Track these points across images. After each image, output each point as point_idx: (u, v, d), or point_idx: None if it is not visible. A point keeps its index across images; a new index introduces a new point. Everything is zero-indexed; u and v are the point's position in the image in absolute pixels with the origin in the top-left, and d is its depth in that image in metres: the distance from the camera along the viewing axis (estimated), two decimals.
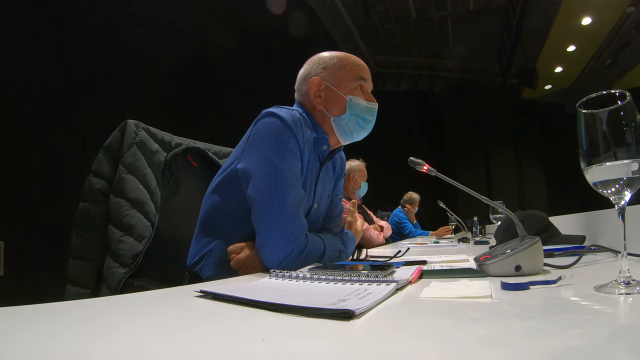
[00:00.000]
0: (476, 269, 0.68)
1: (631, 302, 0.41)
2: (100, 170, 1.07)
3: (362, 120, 0.96)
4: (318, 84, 0.96)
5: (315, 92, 0.97)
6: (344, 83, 0.96)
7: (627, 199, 0.47)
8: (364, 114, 0.96)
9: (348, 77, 0.96)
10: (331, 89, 0.96)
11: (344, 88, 0.96)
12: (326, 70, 0.97)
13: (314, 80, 0.96)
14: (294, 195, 0.80)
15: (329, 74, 0.97)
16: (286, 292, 0.48)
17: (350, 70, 0.97)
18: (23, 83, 1.99)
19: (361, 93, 0.97)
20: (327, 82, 0.96)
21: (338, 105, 0.96)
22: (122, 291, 0.96)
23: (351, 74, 0.97)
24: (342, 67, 0.97)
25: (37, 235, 1.90)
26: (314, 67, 0.99)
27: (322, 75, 0.97)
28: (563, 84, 6.40)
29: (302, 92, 1.00)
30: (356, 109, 0.95)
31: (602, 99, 0.46)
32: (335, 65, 0.97)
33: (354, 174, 2.45)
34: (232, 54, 3.44)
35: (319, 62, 0.99)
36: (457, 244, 1.90)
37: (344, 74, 0.97)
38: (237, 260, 0.81)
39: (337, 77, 0.96)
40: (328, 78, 0.97)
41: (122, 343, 0.30)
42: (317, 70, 0.98)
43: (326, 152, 0.97)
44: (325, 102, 0.96)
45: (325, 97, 0.96)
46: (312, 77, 0.97)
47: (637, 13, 4.71)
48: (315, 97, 0.97)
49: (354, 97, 0.95)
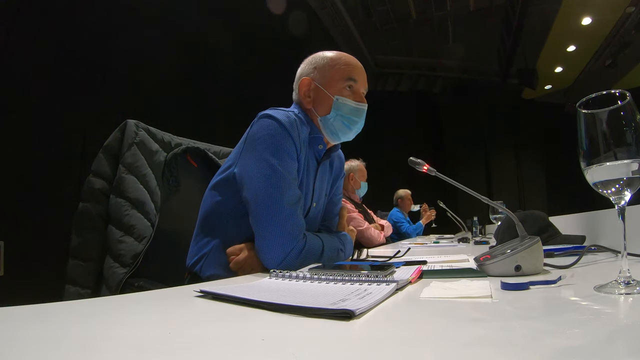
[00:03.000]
0: (476, 269, 0.68)
1: (631, 302, 0.41)
2: (100, 170, 1.08)
3: (348, 120, 0.96)
4: (308, 84, 0.97)
5: (305, 92, 0.97)
6: (332, 83, 0.96)
7: (627, 199, 0.47)
8: (350, 115, 0.96)
9: (336, 77, 0.96)
10: (319, 89, 0.96)
11: (331, 88, 0.96)
12: (316, 70, 0.98)
13: (304, 80, 0.97)
14: (291, 195, 0.81)
15: (319, 73, 0.98)
16: (286, 292, 0.48)
17: (339, 70, 0.97)
18: (23, 83, 1.99)
19: (350, 93, 0.96)
20: (316, 82, 0.97)
21: (325, 105, 0.96)
22: (122, 291, 0.96)
23: (340, 74, 0.96)
24: (331, 67, 0.97)
25: (37, 235, 1.90)
26: (307, 67, 1.00)
27: (312, 75, 0.98)
28: (563, 84, 6.39)
29: (296, 92, 1.01)
30: (342, 110, 0.95)
31: (602, 99, 0.46)
32: (325, 65, 0.98)
33: (353, 174, 2.45)
34: (232, 54, 3.44)
35: (311, 62, 1.00)
36: (457, 244, 1.90)
37: (333, 73, 0.97)
38: (236, 261, 0.81)
39: (326, 77, 0.97)
40: (318, 78, 0.97)
41: (122, 343, 0.30)
42: (308, 70, 0.99)
43: (322, 151, 0.98)
44: (314, 102, 0.97)
45: (314, 97, 0.97)
46: (303, 77, 0.98)
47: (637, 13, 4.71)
48: (304, 97, 0.97)
49: (341, 97, 0.95)
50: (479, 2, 5.28)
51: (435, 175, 0.85)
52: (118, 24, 2.48)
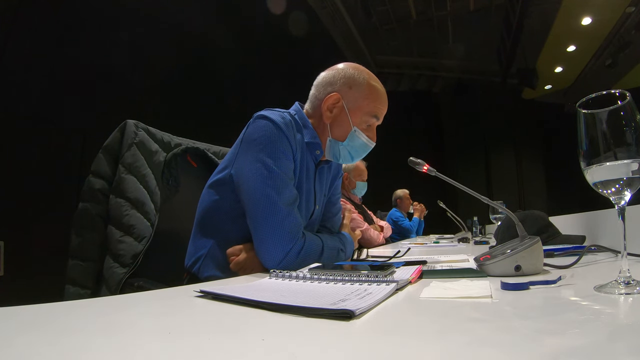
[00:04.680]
0: (476, 269, 0.68)
1: (631, 302, 0.41)
2: (100, 170, 1.07)
3: (354, 153, 0.96)
4: (336, 101, 0.93)
5: (329, 106, 0.94)
6: (359, 113, 0.94)
7: (627, 199, 0.47)
8: (359, 149, 0.96)
9: (365, 109, 0.94)
10: (345, 112, 0.94)
11: (356, 118, 0.94)
12: (351, 91, 0.94)
13: (334, 96, 0.93)
14: (287, 195, 0.81)
15: (352, 96, 0.94)
16: (286, 292, 0.48)
17: (371, 103, 0.94)
18: (23, 83, 1.99)
19: (367, 128, 0.95)
20: (344, 103, 0.94)
21: (342, 130, 0.94)
22: (122, 291, 0.96)
23: (370, 108, 0.94)
24: (366, 97, 0.94)
25: (37, 235, 1.90)
26: (341, 80, 0.95)
27: (344, 93, 0.94)
28: (563, 84, 6.39)
29: (318, 97, 0.97)
30: (355, 142, 0.95)
31: (602, 99, 0.46)
32: (362, 91, 0.94)
33: (347, 174, 2.46)
34: (232, 54, 3.44)
35: (348, 79, 0.95)
36: (457, 244, 1.90)
37: (365, 104, 0.94)
38: (236, 262, 0.82)
39: (357, 104, 0.94)
40: (348, 99, 0.94)
41: (122, 343, 0.30)
42: (341, 87, 0.94)
43: (319, 156, 0.98)
44: (332, 120, 0.94)
45: (335, 115, 0.94)
46: (335, 92, 0.94)
47: (637, 13, 4.70)
48: (326, 111, 0.94)
49: (358, 131, 0.94)
50: (479, 2, 5.28)
51: (435, 175, 0.85)
52: (118, 24, 2.48)
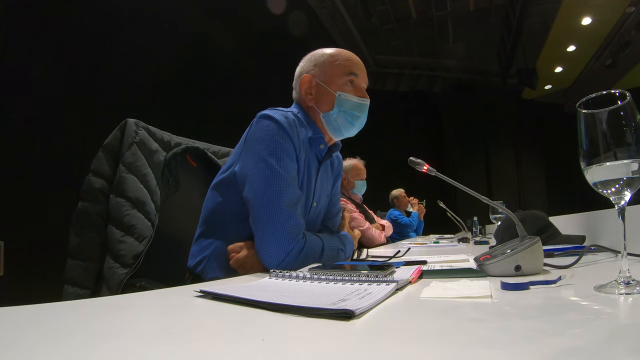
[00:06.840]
0: (476, 269, 0.68)
1: (631, 302, 0.41)
2: (100, 170, 1.07)
3: (351, 116, 0.96)
4: (309, 81, 0.97)
5: (306, 90, 0.98)
6: (334, 79, 0.96)
7: (627, 199, 0.47)
8: (353, 110, 0.96)
9: (338, 73, 0.97)
10: (321, 85, 0.96)
11: (333, 84, 0.96)
12: (317, 67, 0.98)
13: (305, 77, 0.98)
14: (290, 196, 0.81)
15: (320, 70, 0.98)
16: (286, 292, 0.48)
17: (340, 65, 0.97)
18: (23, 83, 1.99)
19: (352, 89, 0.97)
20: (317, 79, 0.97)
21: (327, 102, 0.96)
22: (123, 292, 0.95)
23: (341, 70, 0.97)
24: (332, 63, 0.97)
25: (37, 235, 1.90)
26: (306, 64, 1.00)
27: (313, 72, 0.98)
28: (563, 84, 6.39)
29: (297, 90, 1.01)
30: (345, 105, 0.95)
31: (602, 99, 0.46)
32: (325, 61, 0.98)
33: (345, 175, 2.47)
34: (232, 54, 3.44)
35: (311, 59, 1.00)
36: (457, 244, 1.90)
37: (334, 70, 0.97)
38: (236, 259, 0.82)
39: (327, 73, 0.97)
40: (319, 75, 0.97)
41: (122, 343, 0.30)
42: (308, 68, 0.99)
43: (324, 151, 0.97)
44: (315, 99, 0.97)
45: (315, 94, 0.97)
46: (304, 74, 0.98)
47: (637, 13, 4.71)
48: (306, 95, 0.98)
49: (343, 93, 0.95)
50: (479, 2, 5.28)
51: (435, 175, 0.85)
52: (118, 24, 2.48)
